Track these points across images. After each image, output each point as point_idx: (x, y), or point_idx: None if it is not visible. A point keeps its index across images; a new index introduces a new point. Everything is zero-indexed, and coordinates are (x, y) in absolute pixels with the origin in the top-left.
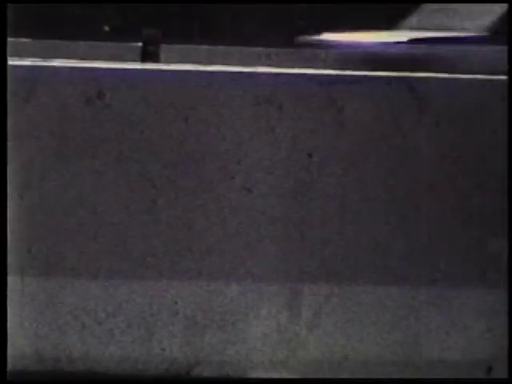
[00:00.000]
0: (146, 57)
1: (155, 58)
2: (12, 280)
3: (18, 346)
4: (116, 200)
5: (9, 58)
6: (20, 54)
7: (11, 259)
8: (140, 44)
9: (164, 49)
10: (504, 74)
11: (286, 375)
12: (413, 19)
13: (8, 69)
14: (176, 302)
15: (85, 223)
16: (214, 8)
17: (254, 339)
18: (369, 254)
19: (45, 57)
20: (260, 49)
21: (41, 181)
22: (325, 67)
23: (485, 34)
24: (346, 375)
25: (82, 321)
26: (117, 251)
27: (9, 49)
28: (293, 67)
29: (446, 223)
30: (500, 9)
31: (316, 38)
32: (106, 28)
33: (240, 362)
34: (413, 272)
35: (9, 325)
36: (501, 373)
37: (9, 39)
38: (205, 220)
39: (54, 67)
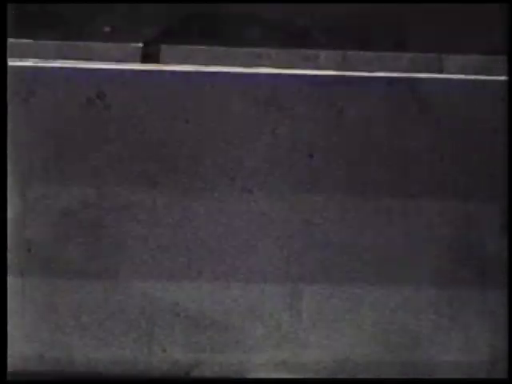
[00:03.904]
0: (145, 57)
1: (155, 59)
2: (12, 280)
3: (18, 346)
4: (116, 200)
5: (9, 59)
6: (20, 55)
7: (11, 260)
8: (140, 44)
9: (164, 49)
10: None
11: (286, 376)
12: None
13: (8, 69)
14: (177, 303)
15: (85, 223)
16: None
17: (254, 340)
18: (369, 254)
19: (46, 58)
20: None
21: (41, 181)
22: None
23: None
24: (346, 376)
25: (82, 321)
26: (117, 251)
27: (9, 49)
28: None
29: (447, 223)
30: None
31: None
32: (107, 28)
33: (241, 363)
34: (413, 272)
35: (9, 325)
36: (501, 373)
37: (9, 40)
38: (205, 221)
39: (54, 68)
